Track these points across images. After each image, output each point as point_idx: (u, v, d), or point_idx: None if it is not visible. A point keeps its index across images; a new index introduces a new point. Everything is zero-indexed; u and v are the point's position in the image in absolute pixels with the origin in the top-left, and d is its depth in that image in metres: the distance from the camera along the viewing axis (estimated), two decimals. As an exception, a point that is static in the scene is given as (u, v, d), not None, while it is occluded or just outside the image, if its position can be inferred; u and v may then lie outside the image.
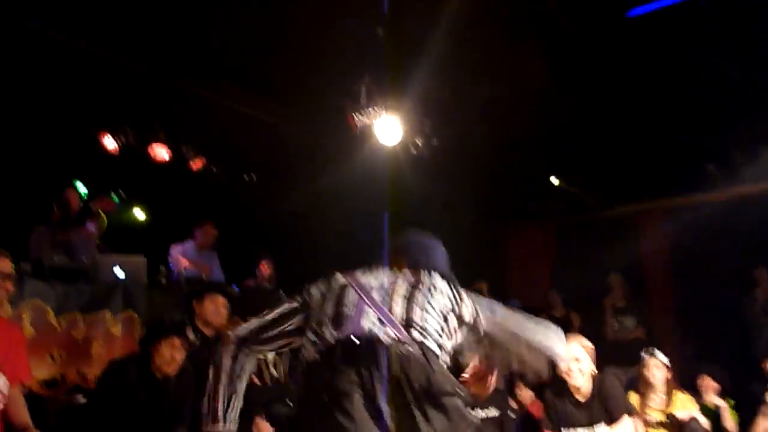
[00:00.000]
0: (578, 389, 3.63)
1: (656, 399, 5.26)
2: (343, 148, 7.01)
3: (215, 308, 4.00)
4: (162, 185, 7.05)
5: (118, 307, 4.71)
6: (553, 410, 3.74)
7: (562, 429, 3.69)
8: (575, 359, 3.61)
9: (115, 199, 7.38)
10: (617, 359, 6.06)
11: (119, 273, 4.93)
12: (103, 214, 5.87)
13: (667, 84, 6.06)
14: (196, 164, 7.08)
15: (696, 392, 5.55)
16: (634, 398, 5.31)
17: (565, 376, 3.63)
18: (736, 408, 5.64)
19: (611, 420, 3.54)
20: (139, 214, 7.62)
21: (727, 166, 7.50)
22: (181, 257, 5.84)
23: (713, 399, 5.54)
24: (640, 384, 5.34)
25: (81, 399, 3.95)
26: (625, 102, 6.38)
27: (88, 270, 5.01)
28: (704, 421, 5.20)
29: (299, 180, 7.60)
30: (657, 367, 5.25)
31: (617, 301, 6.95)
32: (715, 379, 5.64)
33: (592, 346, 3.72)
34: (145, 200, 7.22)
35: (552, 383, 3.96)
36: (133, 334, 4.65)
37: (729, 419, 5.45)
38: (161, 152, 6.64)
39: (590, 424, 3.59)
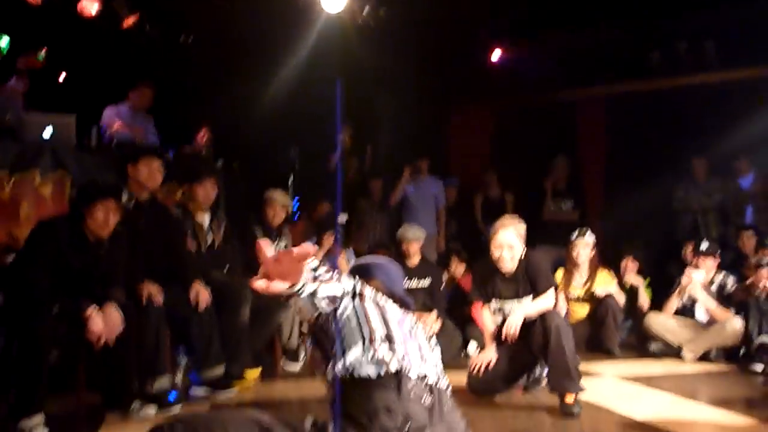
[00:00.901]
0: (507, 269, 3.78)
1: (579, 277, 5.60)
2: (288, 15, 6.73)
3: (150, 172, 3.90)
4: (90, 42, 6.63)
5: (47, 168, 4.54)
6: (482, 282, 3.89)
7: (492, 299, 3.86)
8: (509, 246, 3.72)
9: (40, 57, 6.93)
10: (551, 239, 6.32)
11: (47, 132, 4.71)
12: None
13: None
14: (128, 21, 6.67)
15: (618, 272, 5.89)
16: (559, 274, 5.62)
17: (497, 261, 3.76)
18: (652, 286, 6.04)
19: (536, 293, 3.72)
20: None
21: (670, 56, 7.58)
22: (115, 119, 5.62)
23: (631, 278, 5.89)
24: (567, 262, 5.64)
25: (10, 259, 3.88)
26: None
27: (13, 128, 4.77)
28: (620, 298, 5.57)
29: (240, 44, 7.27)
30: (585, 246, 5.54)
31: (558, 183, 7.12)
32: (635, 259, 5.96)
33: (523, 226, 3.84)
34: (72, 58, 6.77)
35: (481, 257, 4.11)
36: (63, 195, 4.52)
37: (643, 296, 5.84)
38: (90, 6, 6.20)
39: (517, 296, 3.77)
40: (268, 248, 1.59)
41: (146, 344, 3.53)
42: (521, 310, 3.68)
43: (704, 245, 5.42)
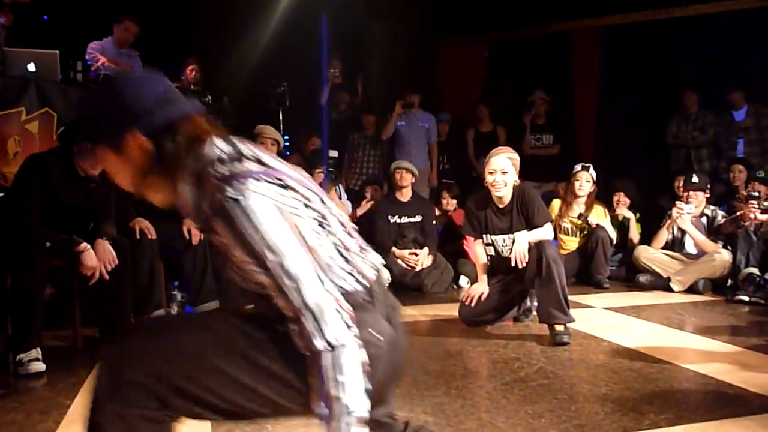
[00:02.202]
0: (500, 199, 3.78)
1: (577, 208, 5.64)
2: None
3: None
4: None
5: (32, 104, 4.47)
6: (474, 217, 3.90)
7: (484, 235, 3.88)
8: (502, 171, 3.71)
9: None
10: (532, 174, 6.36)
11: (31, 67, 4.62)
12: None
13: None
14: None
15: (611, 206, 5.92)
16: (557, 204, 5.64)
17: (489, 186, 3.75)
18: (642, 220, 6.09)
19: (531, 226, 3.73)
20: None
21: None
22: (99, 54, 5.50)
23: (623, 212, 5.93)
24: (567, 193, 5.66)
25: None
26: None
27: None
28: (611, 229, 5.63)
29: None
30: (587, 180, 5.56)
31: (538, 118, 7.11)
32: (627, 194, 5.98)
33: (517, 157, 3.82)
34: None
35: (474, 192, 4.11)
36: (50, 131, 4.47)
37: (633, 230, 5.90)
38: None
39: (510, 230, 3.78)
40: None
41: (140, 278, 3.56)
42: (524, 235, 3.67)
43: (694, 179, 5.44)
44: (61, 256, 3.20)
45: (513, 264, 3.62)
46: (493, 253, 3.88)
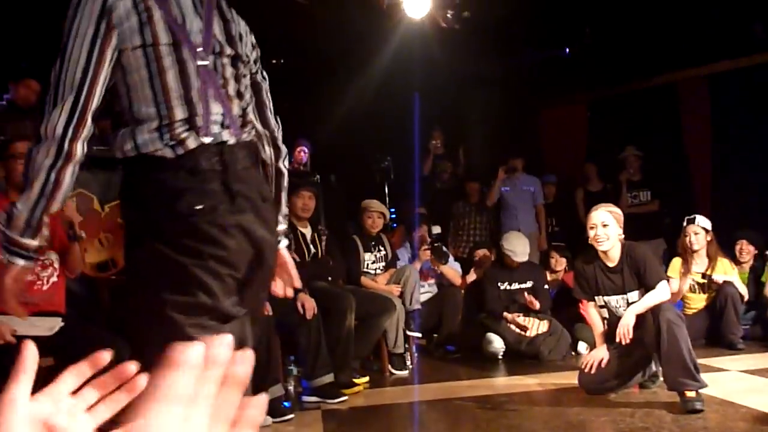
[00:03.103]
0: (606, 255, 3.64)
1: (698, 263, 5.31)
2: (371, 24, 6.82)
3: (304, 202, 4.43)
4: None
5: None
6: (584, 278, 3.78)
7: (596, 297, 3.74)
8: (602, 224, 3.61)
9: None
10: (632, 233, 6.12)
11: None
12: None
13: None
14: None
15: (735, 259, 5.55)
16: (677, 263, 5.35)
17: (593, 242, 3.64)
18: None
19: (644, 286, 3.56)
20: None
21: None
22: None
23: (749, 260, 5.54)
24: (681, 249, 5.37)
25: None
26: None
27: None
28: (740, 284, 5.25)
29: (325, 57, 7.45)
30: (696, 232, 5.26)
31: (633, 175, 6.87)
32: (750, 242, 5.61)
33: (620, 212, 3.69)
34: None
35: (582, 252, 3.99)
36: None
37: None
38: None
39: (623, 291, 3.63)
40: None
41: (258, 354, 3.64)
42: (633, 308, 3.50)
43: None
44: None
45: (618, 340, 3.44)
46: (607, 316, 3.72)
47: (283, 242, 1.89)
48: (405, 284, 4.96)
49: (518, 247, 5.35)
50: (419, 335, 5.13)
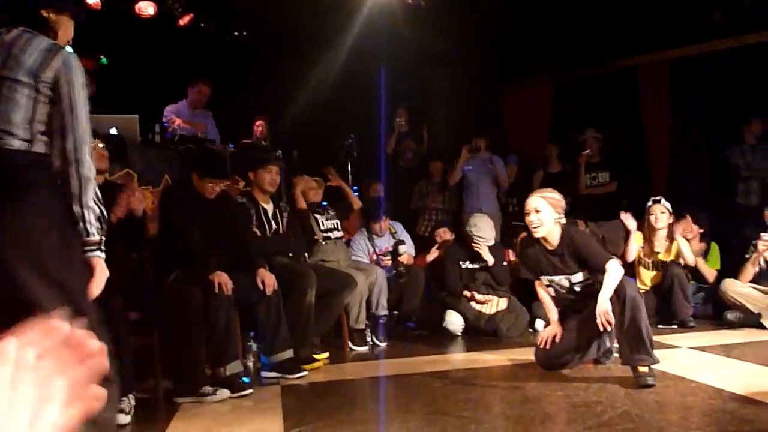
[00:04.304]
0: (546, 240, 3.69)
1: (659, 243, 5.42)
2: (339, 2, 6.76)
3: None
4: (149, 42, 6.81)
5: (117, 165, 4.69)
6: (527, 258, 3.84)
7: (541, 277, 3.80)
8: (535, 210, 3.64)
9: (103, 60, 7.16)
10: (591, 214, 6.22)
11: (113, 131, 4.88)
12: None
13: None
14: (184, 20, 6.82)
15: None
16: (639, 236, 5.45)
17: (528, 226, 3.70)
18: (723, 254, 5.82)
19: (595, 271, 3.61)
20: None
21: (735, 14, 7.24)
22: (174, 116, 5.77)
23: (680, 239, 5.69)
24: (645, 229, 5.48)
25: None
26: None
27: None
28: (705, 268, 5.39)
29: (290, 34, 7.34)
30: (661, 212, 5.36)
31: (592, 156, 6.95)
32: (696, 223, 5.74)
33: (558, 197, 3.73)
34: (132, 58, 6.98)
35: (527, 238, 4.02)
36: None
37: (703, 266, 5.63)
38: (147, 7, 6.37)
39: (564, 272, 3.68)
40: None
41: (217, 330, 3.62)
42: (603, 293, 3.52)
43: None
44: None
45: (602, 329, 3.47)
46: (554, 294, 3.79)
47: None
48: (372, 288, 4.96)
49: (488, 233, 5.40)
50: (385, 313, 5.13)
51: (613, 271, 3.51)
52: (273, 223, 4.44)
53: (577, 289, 3.70)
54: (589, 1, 7.52)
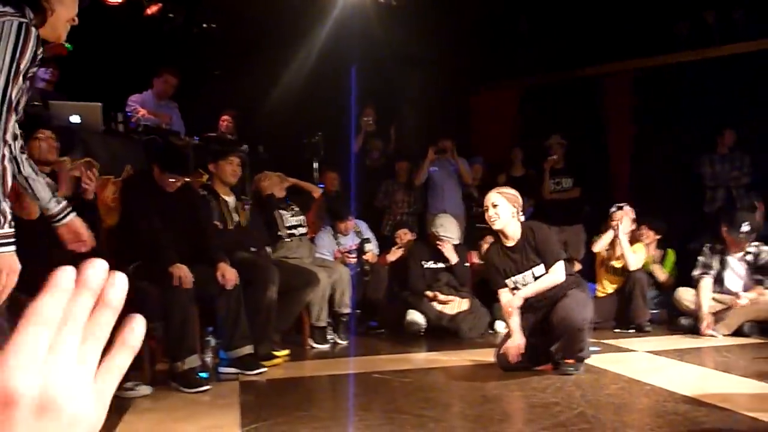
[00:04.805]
0: (505, 234, 3.81)
1: (620, 250, 5.52)
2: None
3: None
4: (116, 30, 6.68)
5: (77, 154, 4.59)
6: (493, 266, 3.91)
7: (507, 280, 3.85)
8: (492, 205, 3.74)
9: (69, 46, 6.98)
10: (554, 219, 6.31)
11: (75, 119, 4.77)
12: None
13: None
14: (151, 9, 6.71)
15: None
16: (602, 242, 5.56)
17: (488, 222, 3.82)
18: (679, 263, 5.95)
19: (546, 267, 3.71)
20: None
21: (698, 27, 7.42)
22: (139, 106, 5.67)
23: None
24: (604, 236, 5.58)
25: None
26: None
27: (44, 116, 4.83)
28: (658, 271, 5.51)
29: (262, 28, 7.28)
30: (624, 217, 5.46)
31: (557, 162, 7.03)
32: (652, 229, 5.86)
33: (514, 193, 3.82)
34: (97, 46, 6.84)
35: (493, 242, 4.09)
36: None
37: (658, 271, 5.77)
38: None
39: (527, 267, 3.77)
40: None
41: (174, 324, 3.56)
42: (523, 292, 3.71)
43: (744, 228, 5.11)
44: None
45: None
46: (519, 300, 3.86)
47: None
48: (335, 286, 4.93)
49: (454, 233, 5.43)
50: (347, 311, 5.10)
51: (553, 274, 3.66)
52: (235, 215, 4.39)
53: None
54: (557, 9, 7.63)
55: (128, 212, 3.83)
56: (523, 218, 3.84)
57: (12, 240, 1.86)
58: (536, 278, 3.75)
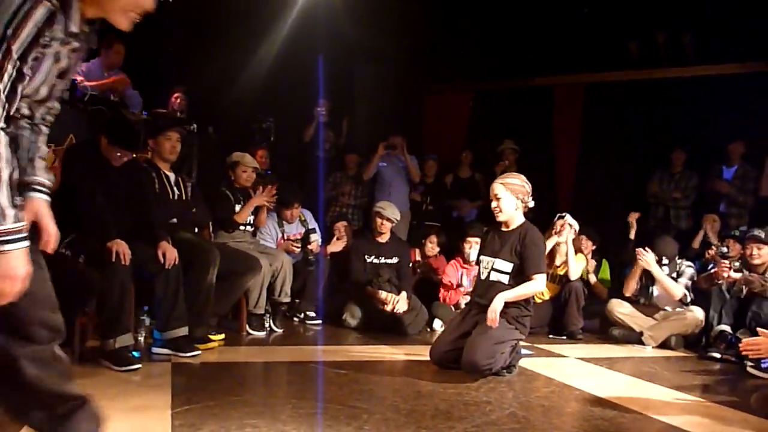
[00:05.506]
0: (505, 223, 3.86)
1: (559, 258, 5.64)
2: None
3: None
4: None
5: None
6: (484, 240, 4.00)
7: (481, 257, 3.95)
8: (495, 197, 3.80)
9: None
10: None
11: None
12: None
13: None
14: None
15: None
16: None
17: (494, 213, 3.87)
18: (613, 273, 6.13)
19: (523, 270, 3.74)
20: None
21: (649, 48, 7.65)
22: (82, 77, 5.47)
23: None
24: (548, 243, 5.68)
25: None
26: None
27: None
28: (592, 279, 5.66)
29: (225, 9, 7.15)
30: (565, 229, 5.57)
31: (508, 167, 7.13)
32: (590, 239, 6.01)
33: (520, 182, 3.88)
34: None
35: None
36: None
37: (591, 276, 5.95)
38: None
39: (496, 254, 3.82)
40: None
41: (110, 302, 3.46)
42: (503, 297, 3.68)
43: (663, 261, 5.35)
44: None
45: (489, 324, 3.62)
46: (476, 274, 3.91)
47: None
48: (276, 274, 4.88)
49: (395, 214, 5.44)
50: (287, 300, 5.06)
51: (534, 284, 3.68)
52: (176, 189, 4.29)
53: (492, 278, 3.80)
54: (513, 17, 7.75)
55: (69, 183, 3.68)
56: (532, 203, 3.89)
57: (10, 238, 1.50)
58: (492, 268, 3.80)
